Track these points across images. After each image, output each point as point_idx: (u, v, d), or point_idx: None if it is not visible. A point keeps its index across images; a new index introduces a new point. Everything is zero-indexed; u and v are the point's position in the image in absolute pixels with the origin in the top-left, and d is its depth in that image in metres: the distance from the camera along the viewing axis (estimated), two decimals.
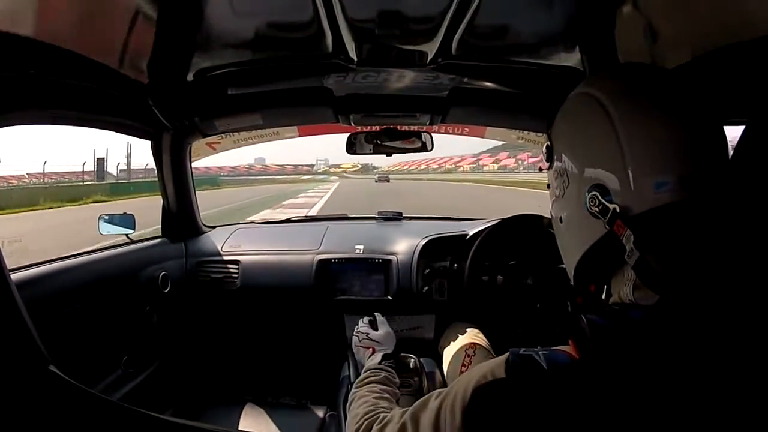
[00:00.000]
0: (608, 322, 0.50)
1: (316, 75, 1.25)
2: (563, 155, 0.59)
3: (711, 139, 0.50)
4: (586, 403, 0.43)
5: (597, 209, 0.51)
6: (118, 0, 0.78)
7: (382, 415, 0.66)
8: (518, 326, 1.29)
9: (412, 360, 1.44)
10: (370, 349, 1.08)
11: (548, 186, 0.66)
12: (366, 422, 0.66)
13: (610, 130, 0.51)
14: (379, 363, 0.98)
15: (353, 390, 0.86)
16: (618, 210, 0.50)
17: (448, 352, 1.45)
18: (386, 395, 0.82)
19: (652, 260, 0.48)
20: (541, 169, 0.70)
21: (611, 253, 0.52)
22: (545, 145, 0.64)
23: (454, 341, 1.46)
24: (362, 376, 0.93)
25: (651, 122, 0.50)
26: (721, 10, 0.69)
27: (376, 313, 1.20)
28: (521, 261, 1.35)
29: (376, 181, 38.90)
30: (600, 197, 0.51)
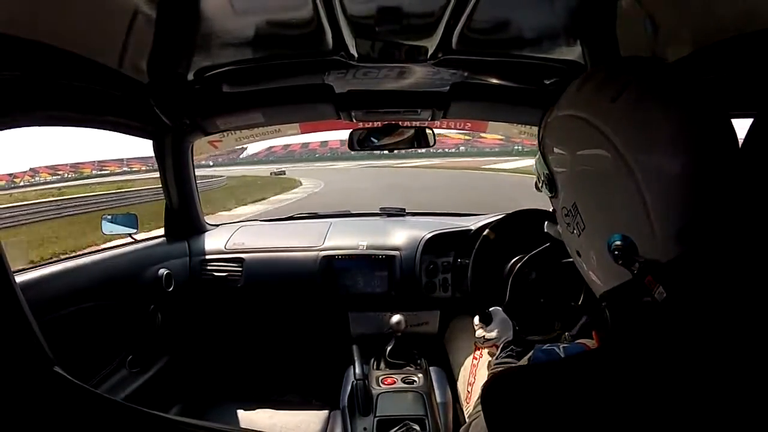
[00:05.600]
0: (629, 314, 0.50)
1: (317, 72, 1.25)
2: (574, 199, 0.53)
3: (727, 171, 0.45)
4: (597, 390, 0.43)
5: (621, 260, 0.47)
6: (118, 0, 0.78)
7: None
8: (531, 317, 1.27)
9: (416, 358, 1.44)
10: (495, 348, 1.07)
11: (553, 210, 0.60)
12: None
13: (627, 177, 0.46)
14: (496, 359, 0.99)
15: None
16: (644, 261, 0.46)
17: (454, 347, 1.45)
18: None
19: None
20: (538, 188, 0.62)
21: (637, 290, 0.48)
22: (544, 174, 0.57)
23: (459, 335, 1.46)
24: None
25: (668, 161, 0.45)
26: (722, 2, 0.68)
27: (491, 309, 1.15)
28: (525, 256, 1.34)
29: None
30: (622, 248, 0.47)
